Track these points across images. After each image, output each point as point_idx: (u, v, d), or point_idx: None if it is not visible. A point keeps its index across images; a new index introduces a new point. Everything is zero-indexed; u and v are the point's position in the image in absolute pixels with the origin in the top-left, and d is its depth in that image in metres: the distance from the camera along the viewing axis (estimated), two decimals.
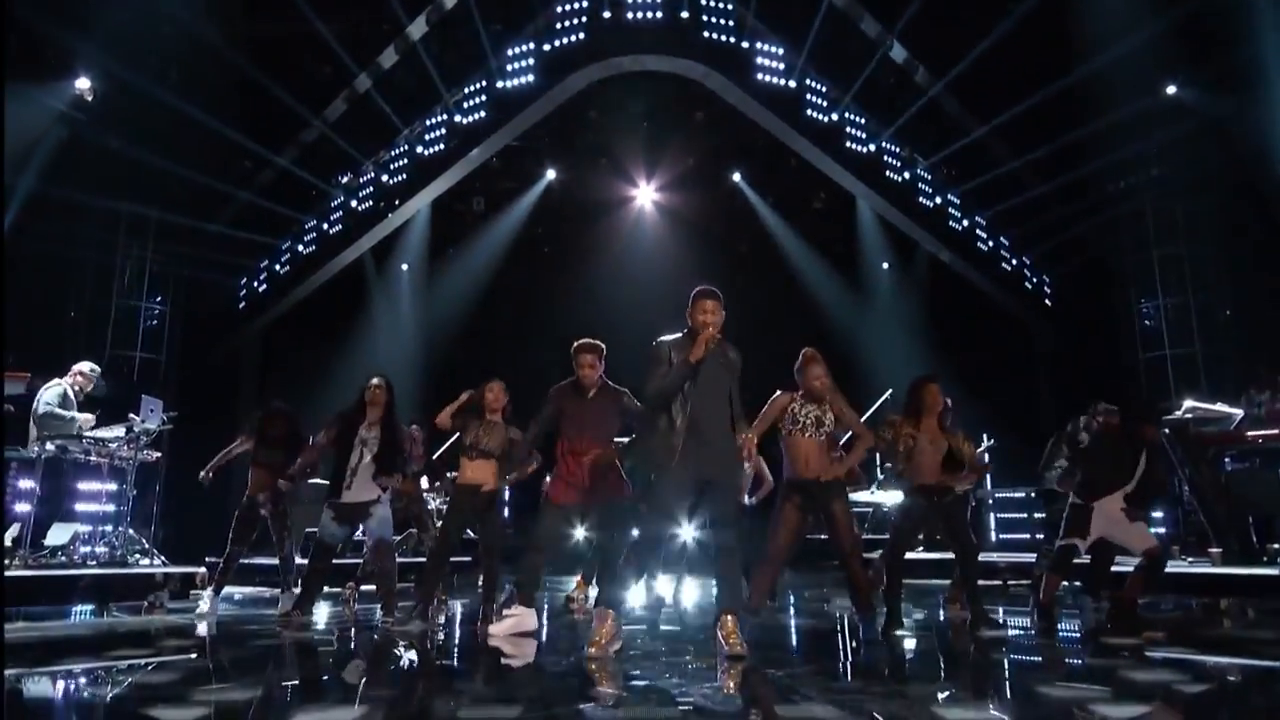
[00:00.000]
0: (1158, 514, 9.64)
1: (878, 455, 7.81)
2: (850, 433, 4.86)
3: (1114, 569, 5.37)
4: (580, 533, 5.04)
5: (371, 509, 5.42)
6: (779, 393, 4.62)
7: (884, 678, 3.35)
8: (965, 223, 12.41)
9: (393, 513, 5.66)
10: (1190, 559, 6.90)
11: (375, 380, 5.56)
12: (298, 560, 6.04)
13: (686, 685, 2.97)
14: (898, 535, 4.93)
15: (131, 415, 6.84)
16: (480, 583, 5.30)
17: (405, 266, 13.49)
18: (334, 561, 5.81)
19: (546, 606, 6.17)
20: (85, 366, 6.95)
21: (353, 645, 4.50)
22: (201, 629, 5.10)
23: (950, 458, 4.81)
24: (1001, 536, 10.87)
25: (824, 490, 4.45)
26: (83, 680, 3.44)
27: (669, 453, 3.73)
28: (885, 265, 13.56)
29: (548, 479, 5.14)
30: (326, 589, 7.31)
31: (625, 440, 5.18)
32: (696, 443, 3.76)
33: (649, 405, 3.95)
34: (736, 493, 3.99)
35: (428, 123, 11.16)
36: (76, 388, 6.79)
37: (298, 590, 5.62)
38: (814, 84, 10.83)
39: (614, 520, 4.71)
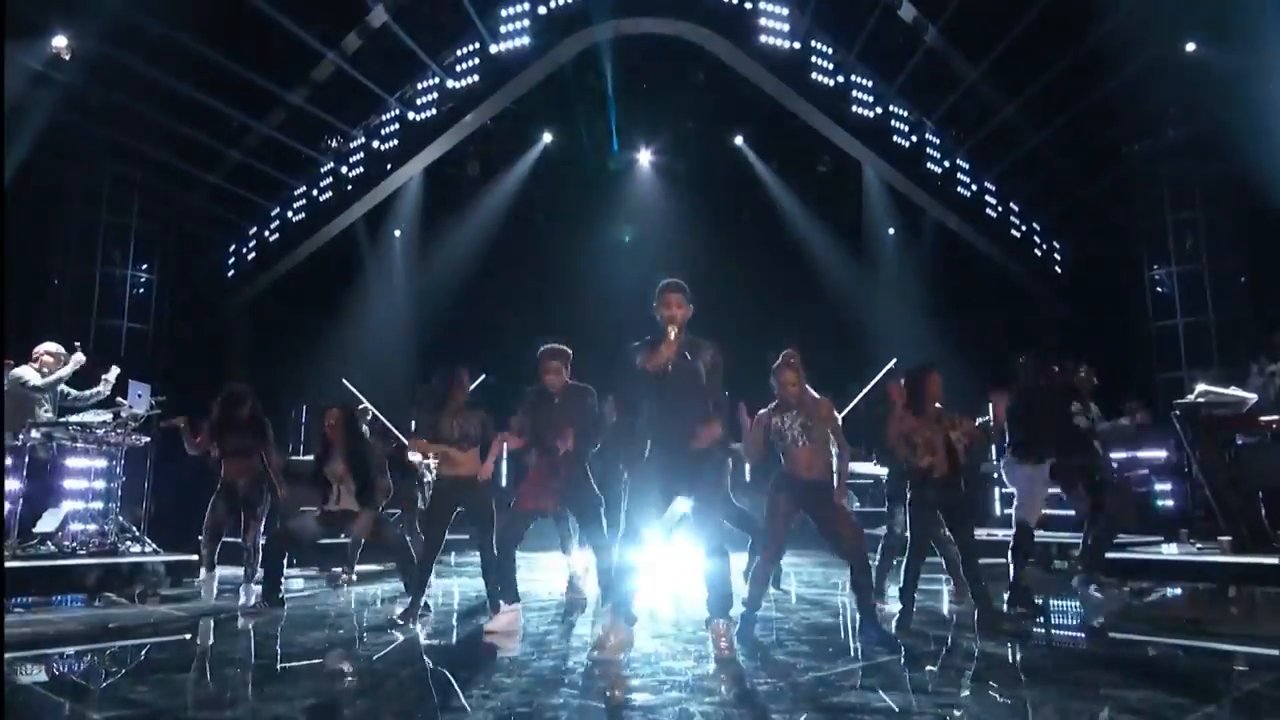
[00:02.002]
0: (1166, 486, 9.51)
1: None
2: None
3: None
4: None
5: (357, 515, 5.69)
6: (760, 412, 4.35)
7: (902, 686, 3.22)
8: (974, 188, 12.07)
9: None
10: (1199, 544, 6.77)
11: (331, 414, 5.78)
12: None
13: (685, 697, 2.84)
14: (919, 540, 4.70)
15: (119, 400, 6.68)
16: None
17: (398, 233, 13.20)
18: (327, 543, 5.89)
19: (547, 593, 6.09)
20: (50, 347, 6.71)
21: (362, 642, 4.37)
22: (197, 618, 5.03)
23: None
24: (1006, 512, 10.73)
25: (817, 493, 4.26)
26: (76, 675, 3.35)
27: (638, 457, 3.81)
28: (891, 231, 13.27)
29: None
30: (325, 570, 7.30)
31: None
32: (668, 446, 3.79)
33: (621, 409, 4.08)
34: (718, 493, 3.94)
35: (419, 86, 10.76)
36: (45, 369, 6.60)
37: (257, 583, 5.48)
38: (819, 45, 10.41)
39: (594, 523, 4.67)
